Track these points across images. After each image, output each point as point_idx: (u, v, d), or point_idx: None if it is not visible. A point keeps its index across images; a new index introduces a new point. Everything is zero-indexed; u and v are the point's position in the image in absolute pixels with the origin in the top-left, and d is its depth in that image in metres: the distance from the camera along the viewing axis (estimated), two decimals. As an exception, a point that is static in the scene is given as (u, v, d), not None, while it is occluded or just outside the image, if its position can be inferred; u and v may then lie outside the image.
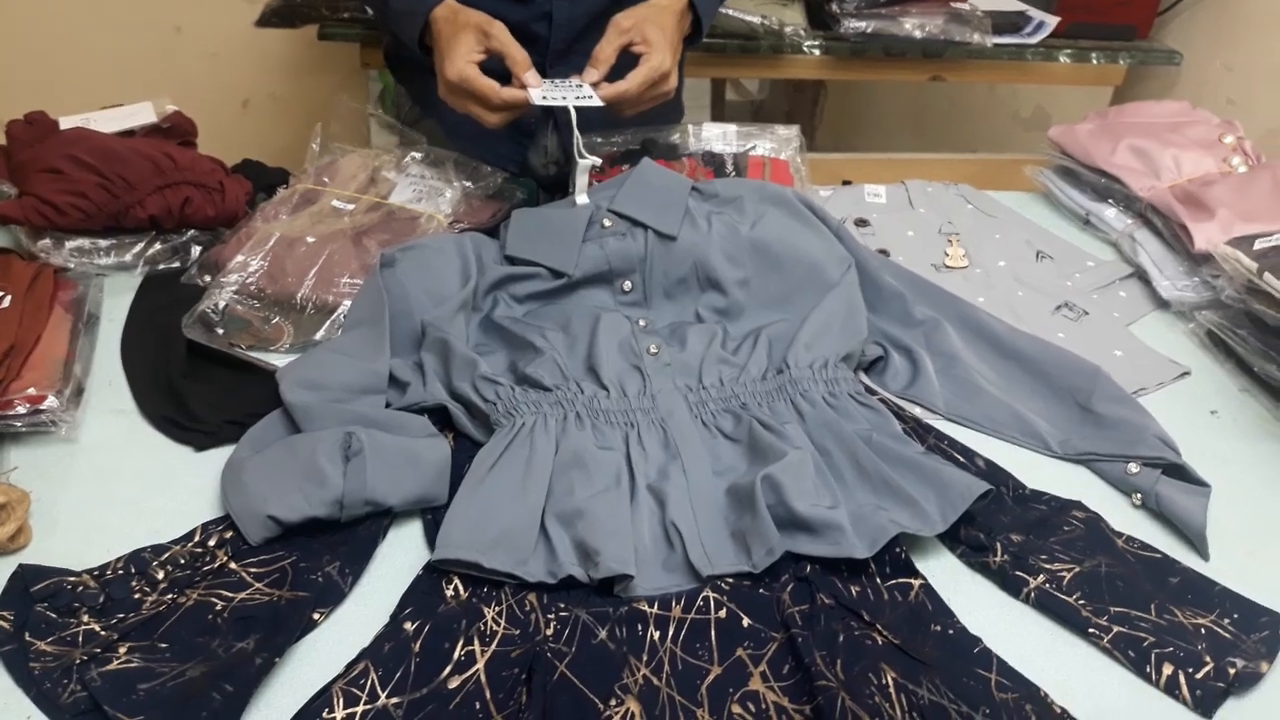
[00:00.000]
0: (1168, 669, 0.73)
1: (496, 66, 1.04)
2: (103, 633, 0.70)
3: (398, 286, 0.99)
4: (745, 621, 0.75)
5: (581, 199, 1.06)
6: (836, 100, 2.84)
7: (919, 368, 1.02)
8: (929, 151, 1.88)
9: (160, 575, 0.75)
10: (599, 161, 1.06)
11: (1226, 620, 0.77)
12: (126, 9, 2.02)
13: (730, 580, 0.78)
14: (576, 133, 1.03)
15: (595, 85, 1.05)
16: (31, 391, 0.86)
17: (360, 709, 0.66)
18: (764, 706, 0.69)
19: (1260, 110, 1.67)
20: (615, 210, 1.05)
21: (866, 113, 2.97)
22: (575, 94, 1.03)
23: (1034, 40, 1.79)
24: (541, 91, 1.02)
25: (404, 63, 1.37)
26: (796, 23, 1.70)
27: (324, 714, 0.66)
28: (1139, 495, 0.89)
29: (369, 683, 0.68)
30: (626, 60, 1.06)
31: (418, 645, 0.71)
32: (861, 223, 1.30)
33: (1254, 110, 1.67)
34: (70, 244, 1.05)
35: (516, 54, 1.04)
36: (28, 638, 0.69)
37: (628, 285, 1.04)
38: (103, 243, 1.07)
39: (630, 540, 0.78)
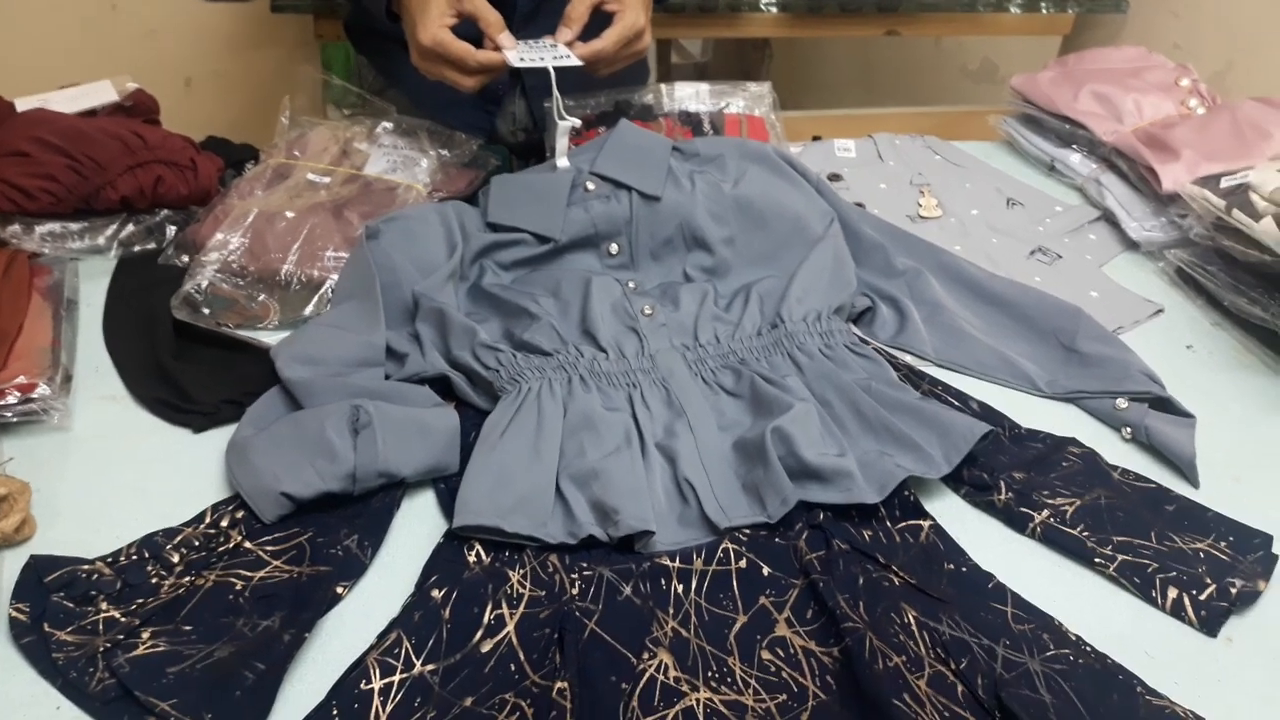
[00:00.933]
0: (1172, 592, 0.76)
1: (468, 30, 1.03)
2: (123, 619, 0.69)
3: (384, 258, 0.98)
4: (765, 570, 0.76)
5: (562, 162, 1.05)
6: (782, 60, 2.85)
7: (905, 316, 1.04)
8: (878, 107, 1.90)
9: (175, 558, 0.74)
10: (579, 123, 1.05)
11: (1222, 543, 0.80)
12: (59, -12, 1.94)
13: (747, 531, 0.79)
14: (556, 94, 1.02)
15: (569, 45, 1.04)
16: (21, 380, 0.84)
17: (397, 678, 0.66)
18: (792, 651, 0.70)
19: (1206, 54, 1.71)
20: (597, 173, 1.05)
21: (813, 71, 2.98)
22: (552, 54, 1.02)
23: (985, -9, 1.81)
24: (518, 53, 1.01)
25: (367, 33, 1.34)
26: (753, -20, 1.70)
27: (361, 685, 0.66)
28: (1129, 429, 0.92)
29: (403, 651, 0.68)
30: (597, 21, 1.06)
31: (447, 612, 0.71)
32: (834, 177, 1.31)
33: (1200, 54, 1.70)
34: (41, 229, 1.02)
35: (489, 15, 1.03)
36: (47, 628, 0.68)
37: (614, 248, 1.04)
38: (74, 226, 1.04)
39: (647, 498, 0.79)
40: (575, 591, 0.73)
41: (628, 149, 1.06)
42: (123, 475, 0.82)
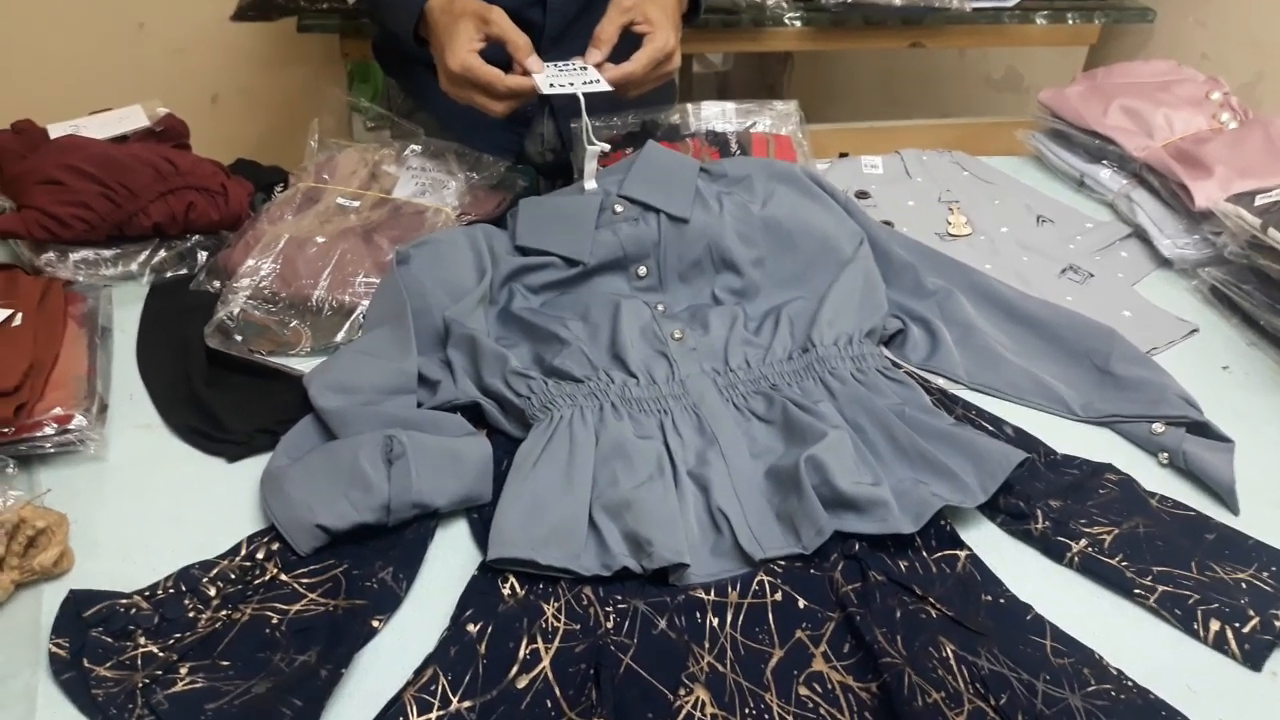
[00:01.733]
0: (1215, 625, 0.75)
1: (496, 54, 1.03)
2: (161, 654, 0.70)
3: (415, 284, 0.98)
4: (801, 603, 0.75)
5: (590, 185, 1.05)
6: (804, 70, 2.84)
7: (937, 338, 1.03)
8: (900, 119, 1.89)
9: (212, 592, 0.74)
10: (608, 148, 1.05)
11: (1265, 574, 0.78)
12: (87, 7, 1.96)
13: (781, 563, 0.78)
14: (586, 119, 1.02)
15: (599, 66, 1.04)
16: (58, 411, 0.84)
17: (434, 715, 0.66)
18: (830, 687, 0.70)
19: (1234, 64, 1.69)
20: (626, 195, 1.04)
21: (834, 82, 2.97)
22: (581, 79, 1.02)
23: (1010, 3, 1.80)
24: (548, 79, 1.01)
25: (394, 54, 1.35)
26: (777, -5, 1.70)
27: (398, 722, 0.66)
28: (1166, 454, 0.91)
29: (439, 688, 0.68)
30: (626, 40, 1.05)
31: (483, 647, 0.71)
32: (862, 194, 1.31)
33: (1228, 65, 1.69)
34: (74, 256, 1.03)
35: (517, 39, 1.03)
36: (86, 664, 0.68)
37: (643, 270, 1.04)
38: (107, 253, 1.05)
39: (681, 529, 0.78)
40: (610, 625, 0.73)
41: (655, 171, 1.06)
42: (158, 505, 0.83)
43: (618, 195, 1.04)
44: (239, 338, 0.97)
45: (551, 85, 1.01)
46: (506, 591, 0.75)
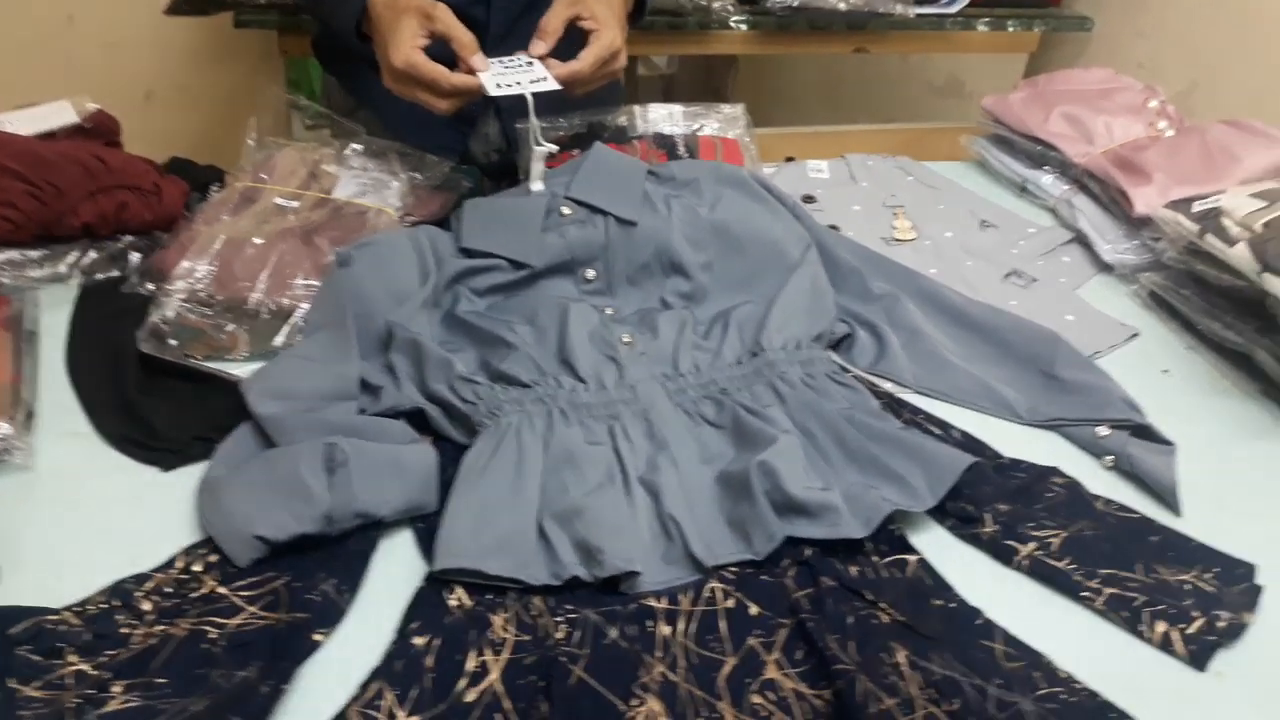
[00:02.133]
0: (1160, 626, 0.75)
1: (442, 52, 1.01)
2: (94, 672, 0.67)
3: (357, 286, 0.96)
4: (753, 609, 0.75)
5: (537, 186, 1.04)
6: (749, 74, 2.85)
7: (884, 343, 1.03)
8: (845, 124, 1.90)
9: (147, 606, 0.71)
10: (555, 149, 1.04)
11: (1208, 575, 0.80)
12: (12, -1, 1.90)
13: (733, 569, 0.78)
14: (533, 119, 1.00)
15: (544, 59, 1.02)
16: (-19, 419, 0.81)
17: (380, 731, 0.64)
18: (783, 694, 0.69)
19: (1170, 74, 1.73)
20: (573, 197, 1.03)
21: (779, 86, 2.99)
22: (528, 77, 1.00)
23: (953, 10, 1.82)
24: (494, 78, 1.00)
25: (335, 52, 1.32)
26: (723, -2, 1.70)
27: (343, 739, 0.64)
28: (1110, 457, 0.92)
29: (385, 704, 0.66)
30: (571, 38, 1.04)
31: (430, 660, 0.69)
32: (808, 199, 1.31)
33: (1164, 74, 1.73)
34: (-1, 256, 0.99)
35: (462, 36, 1.01)
36: (12, 684, 0.65)
37: (590, 274, 1.03)
38: (33, 254, 1.01)
39: (632, 536, 0.77)
40: (560, 636, 0.71)
41: (603, 173, 1.05)
42: (89, 517, 0.79)
43: (565, 197, 1.03)
44: (173, 342, 0.94)
45: (499, 86, 0.99)
46: (454, 603, 0.73)
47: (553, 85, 1.00)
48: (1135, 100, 1.37)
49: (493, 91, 0.98)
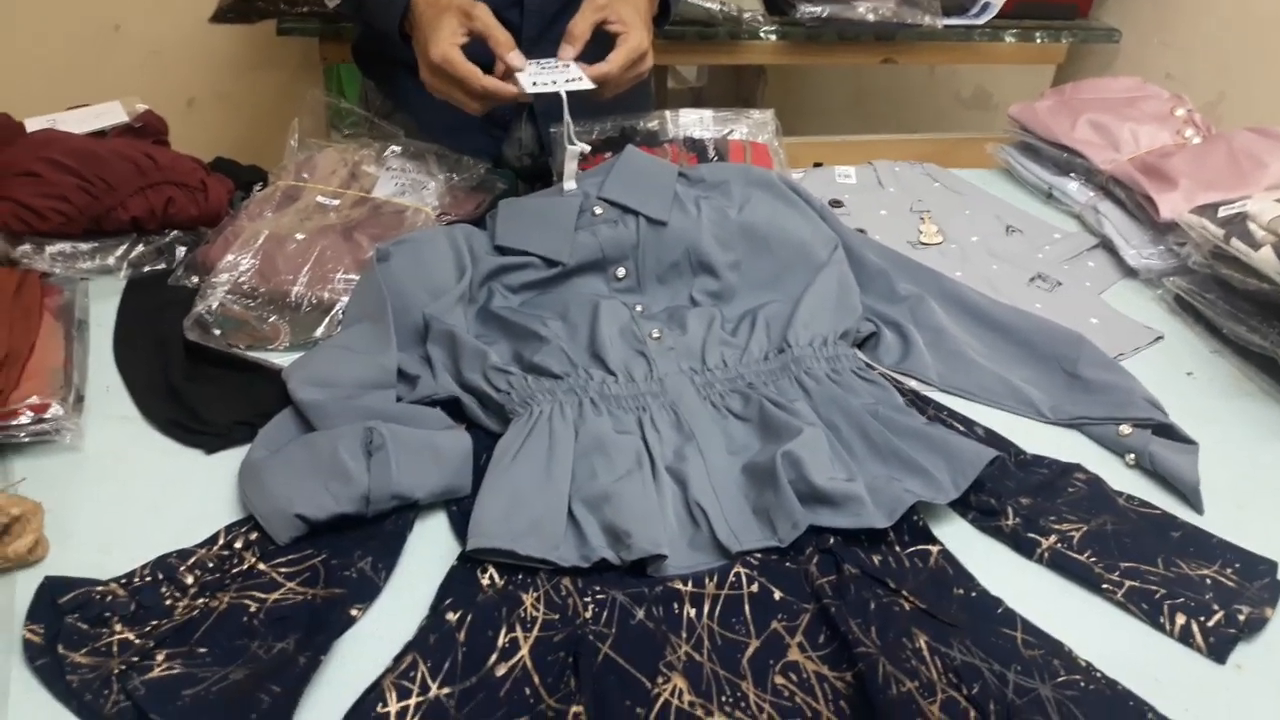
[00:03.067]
0: (1180, 619, 0.76)
1: (480, 52, 1.04)
2: (138, 641, 0.69)
3: (394, 281, 0.99)
4: (777, 594, 0.76)
5: (570, 185, 1.06)
6: (777, 85, 2.88)
7: (909, 342, 1.05)
8: (872, 133, 1.92)
9: (189, 580, 0.74)
10: (588, 149, 1.06)
11: (1229, 570, 0.80)
12: (62, 8, 1.95)
13: (758, 555, 0.79)
14: (567, 118, 1.03)
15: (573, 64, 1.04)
16: (34, 400, 0.84)
17: (413, 701, 0.67)
18: (805, 675, 0.71)
19: (1198, 83, 1.74)
20: (605, 197, 1.06)
21: (808, 97, 3.01)
22: (564, 77, 1.02)
23: (981, 21, 1.83)
24: (530, 77, 1.02)
25: (375, 57, 1.35)
26: (753, 9, 1.72)
27: (377, 708, 0.66)
28: (1132, 455, 0.93)
29: (419, 675, 0.68)
30: (598, 41, 1.06)
31: (462, 635, 0.71)
32: (835, 204, 1.33)
33: (1192, 84, 1.73)
34: (51, 249, 1.03)
35: (500, 35, 1.03)
36: (61, 650, 0.68)
37: (621, 272, 1.05)
38: (84, 246, 1.04)
39: (659, 521, 0.79)
40: (589, 615, 0.73)
41: (634, 174, 1.08)
42: (135, 496, 0.82)
43: (597, 197, 1.06)
44: (217, 332, 0.97)
45: (535, 84, 1.01)
46: (485, 581, 0.76)
47: (587, 84, 1.02)
48: (1162, 108, 1.38)
49: (529, 90, 1.00)
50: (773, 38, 1.77)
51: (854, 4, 1.74)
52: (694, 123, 1.26)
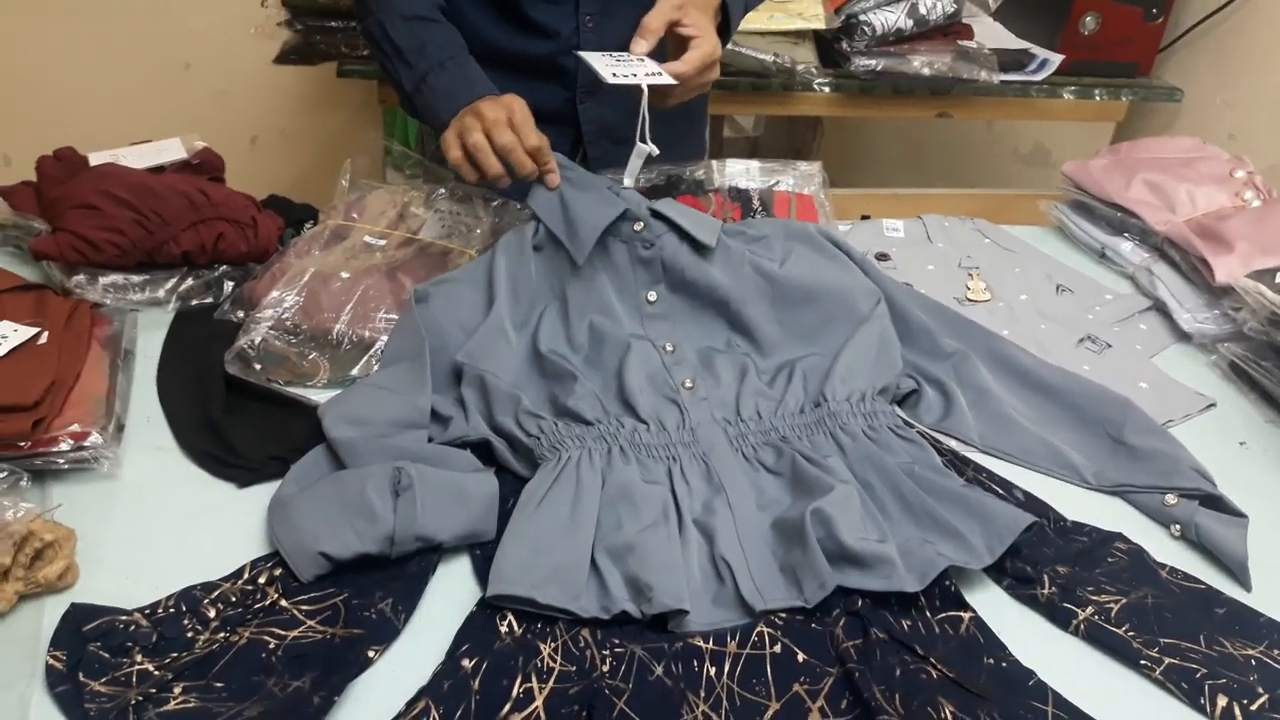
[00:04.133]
0: (1222, 700, 0.73)
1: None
2: (157, 672, 0.70)
3: (432, 322, 0.99)
4: (800, 656, 0.75)
5: (629, 181, 1.06)
6: (834, 137, 2.87)
7: (951, 401, 1.03)
8: (928, 187, 1.91)
9: (212, 613, 0.74)
10: (656, 151, 1.03)
11: (1276, 651, 0.77)
12: (137, 48, 2.03)
13: (783, 615, 0.78)
14: (645, 112, 1.00)
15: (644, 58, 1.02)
16: (75, 428, 0.85)
17: (423, 747, 0.66)
18: (825, 742, 0.69)
19: (1262, 145, 1.70)
20: (656, 210, 1.03)
21: (864, 150, 3.00)
22: (642, 70, 1.00)
23: (1038, 77, 1.82)
24: (609, 68, 0.99)
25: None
26: (808, 61, 1.73)
27: (387, 753, 0.65)
28: (1178, 526, 0.90)
29: (431, 721, 0.67)
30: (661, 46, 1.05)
31: (476, 683, 0.70)
32: (882, 257, 1.31)
33: (1256, 145, 1.70)
34: (104, 279, 1.05)
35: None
36: (81, 678, 0.69)
37: (653, 296, 1.03)
38: (136, 278, 1.07)
39: (682, 575, 0.78)
40: (606, 669, 0.72)
41: (684, 209, 1.06)
42: (167, 526, 0.83)
43: (648, 209, 1.03)
44: (258, 366, 0.99)
45: (615, 75, 0.98)
46: (504, 629, 0.75)
47: (668, 79, 1.00)
48: (1221, 170, 1.35)
49: (609, 80, 0.98)
50: (826, 90, 1.77)
51: (909, 58, 1.74)
52: (740, 173, 1.27)
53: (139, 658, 0.71)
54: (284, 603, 0.76)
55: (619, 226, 1.03)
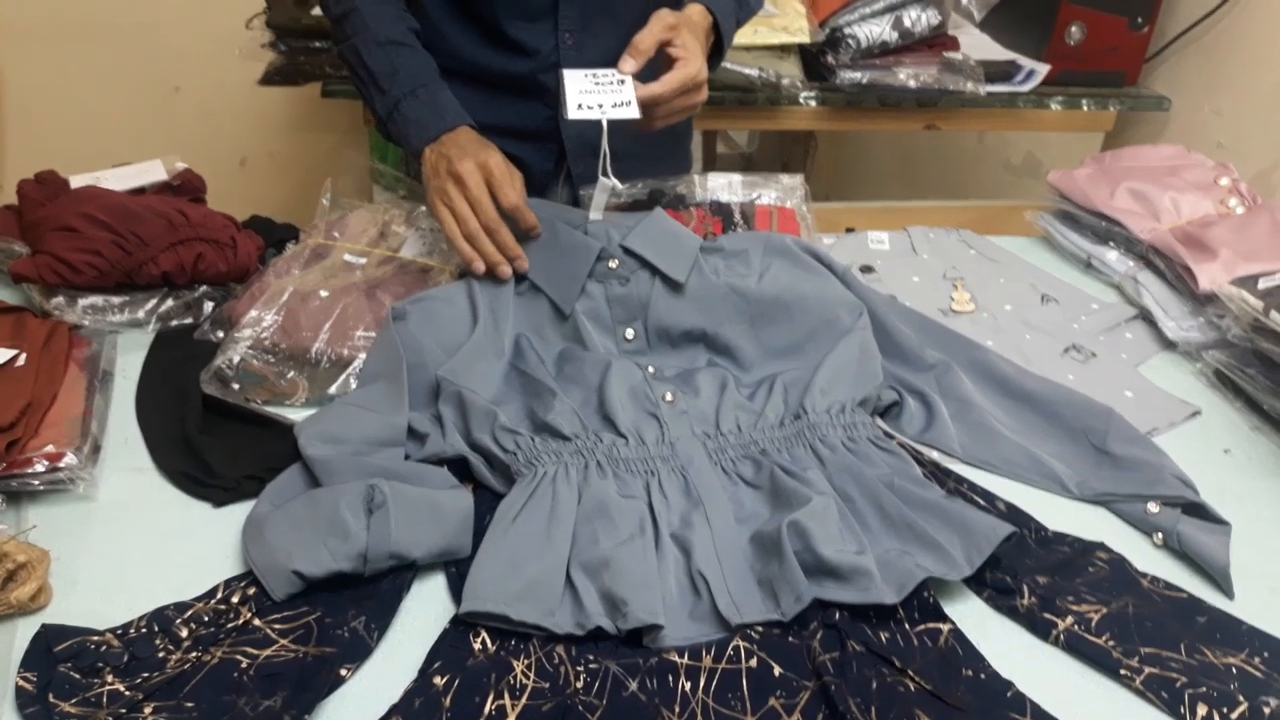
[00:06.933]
0: (1202, 709, 0.72)
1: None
2: (128, 693, 0.69)
3: (410, 339, 0.99)
4: (776, 670, 0.74)
5: (596, 216, 1.05)
6: (827, 151, 2.88)
7: (934, 412, 1.02)
8: (920, 200, 1.91)
9: (184, 633, 0.74)
10: (620, 186, 1.03)
11: (1256, 659, 0.76)
12: (126, 70, 2.04)
13: (759, 629, 0.77)
14: (605, 148, 1.00)
15: (632, 77, 1.01)
16: (50, 449, 0.85)
17: (393, 766, 0.65)
18: (800, 756, 0.68)
19: (1250, 153, 1.70)
20: (627, 246, 1.04)
21: (857, 163, 3.01)
22: (612, 100, 0.99)
23: (1025, 88, 1.82)
24: (577, 98, 0.98)
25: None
26: (793, 75, 1.73)
27: (356, 772, 0.65)
28: (1160, 535, 0.89)
29: (401, 739, 0.67)
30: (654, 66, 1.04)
31: (448, 700, 0.70)
32: (866, 269, 1.31)
33: (1243, 153, 1.70)
34: (83, 301, 1.05)
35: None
36: (52, 699, 0.68)
37: (630, 334, 1.04)
38: (115, 300, 1.07)
39: (658, 590, 0.78)
40: (580, 685, 0.72)
41: (661, 234, 1.06)
42: (141, 546, 0.83)
43: (620, 246, 1.04)
44: (236, 386, 0.99)
45: (580, 107, 0.97)
46: (477, 646, 0.74)
47: (634, 113, 0.99)
48: (1205, 177, 1.35)
49: (572, 114, 0.97)
50: (813, 103, 1.77)
51: (895, 70, 1.74)
52: (722, 187, 1.26)
53: (110, 678, 0.70)
54: (257, 621, 0.76)
55: (594, 266, 1.04)
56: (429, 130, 1.06)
